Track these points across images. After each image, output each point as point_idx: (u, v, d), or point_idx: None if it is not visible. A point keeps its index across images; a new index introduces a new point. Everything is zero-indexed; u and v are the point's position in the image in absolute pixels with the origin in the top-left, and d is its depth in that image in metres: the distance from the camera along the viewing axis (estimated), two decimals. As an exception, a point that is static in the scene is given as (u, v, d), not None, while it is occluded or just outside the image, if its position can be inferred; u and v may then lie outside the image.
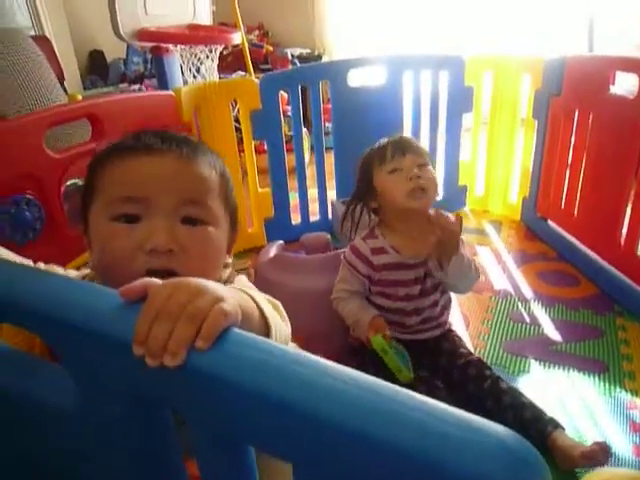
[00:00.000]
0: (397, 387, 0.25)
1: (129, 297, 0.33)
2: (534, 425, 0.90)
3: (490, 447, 0.22)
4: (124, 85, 3.01)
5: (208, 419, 0.30)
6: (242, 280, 0.61)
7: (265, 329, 0.46)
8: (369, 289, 1.07)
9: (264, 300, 0.51)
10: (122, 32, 1.85)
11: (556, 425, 0.89)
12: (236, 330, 0.32)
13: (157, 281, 0.35)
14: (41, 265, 0.62)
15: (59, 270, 0.63)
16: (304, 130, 2.09)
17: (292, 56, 3.10)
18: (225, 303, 0.33)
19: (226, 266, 0.62)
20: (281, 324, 0.52)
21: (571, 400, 1.02)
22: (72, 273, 0.62)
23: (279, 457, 0.27)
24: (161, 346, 0.30)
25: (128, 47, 3.10)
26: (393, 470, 0.24)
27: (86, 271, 0.62)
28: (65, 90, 2.47)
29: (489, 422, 0.23)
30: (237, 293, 0.40)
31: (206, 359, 0.29)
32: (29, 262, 0.62)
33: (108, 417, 0.35)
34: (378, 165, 1.03)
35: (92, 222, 0.55)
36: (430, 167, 1.03)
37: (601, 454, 0.83)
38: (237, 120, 1.64)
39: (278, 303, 0.56)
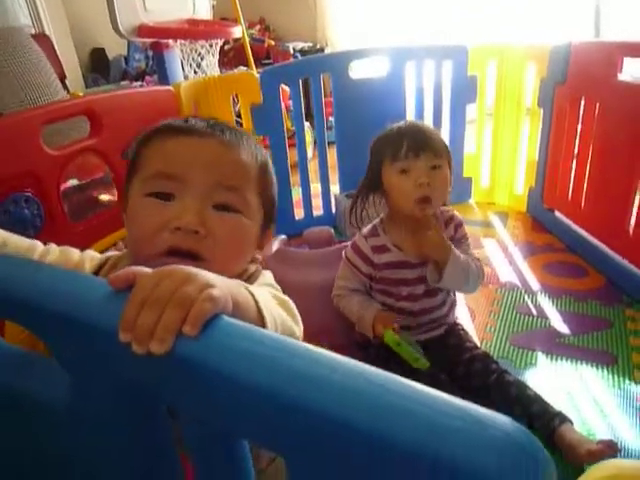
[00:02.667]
0: (397, 377, 0.24)
1: (117, 285, 0.32)
2: (541, 419, 0.88)
3: (494, 440, 0.21)
4: (126, 82, 3.01)
5: (198, 410, 0.29)
6: (267, 276, 0.60)
7: (260, 321, 0.45)
8: (370, 287, 1.05)
9: (265, 294, 0.49)
10: (121, 28, 1.83)
11: (563, 419, 0.88)
12: (225, 317, 0.30)
13: (146, 269, 0.34)
14: (54, 247, 0.60)
15: (75, 252, 0.61)
16: (306, 124, 2.08)
17: (294, 50, 3.08)
18: (214, 289, 0.33)
19: (254, 261, 0.61)
20: (286, 321, 0.51)
21: (579, 393, 1.00)
22: (93, 256, 0.62)
23: (271, 450, 0.26)
24: (148, 332, 0.29)
25: (129, 44, 3.10)
26: (392, 464, 0.22)
27: (112, 253, 0.63)
28: (67, 88, 2.47)
29: (493, 413, 0.22)
30: (231, 282, 0.39)
31: (194, 346, 0.28)
32: (38, 244, 0.59)
33: (99, 409, 0.34)
34: (389, 160, 0.97)
35: (130, 198, 0.56)
36: (445, 167, 0.98)
37: (608, 452, 0.81)
38: (239, 115, 1.63)
39: (291, 304, 0.55)
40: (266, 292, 0.51)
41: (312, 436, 0.25)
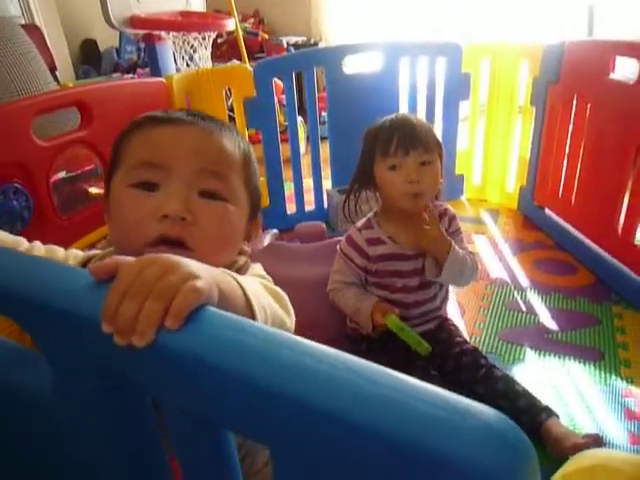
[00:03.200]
0: (382, 368, 0.24)
1: (99, 275, 0.32)
2: (528, 413, 0.89)
3: (477, 430, 0.21)
4: (117, 75, 2.98)
5: (182, 401, 0.29)
6: (256, 268, 0.59)
7: (249, 312, 0.45)
8: (365, 280, 1.06)
9: (254, 284, 0.49)
10: (113, 19, 1.81)
11: (550, 414, 0.89)
12: (210, 308, 0.30)
13: (129, 259, 0.33)
14: (39, 245, 0.60)
15: (60, 251, 0.61)
16: (300, 119, 2.07)
17: (288, 44, 3.07)
18: (198, 280, 0.32)
19: (242, 253, 0.60)
20: (276, 311, 0.51)
21: (566, 388, 1.01)
22: (76, 253, 0.61)
23: (256, 440, 0.26)
24: (129, 324, 0.29)
25: (121, 36, 3.07)
26: (375, 454, 0.22)
27: (95, 252, 0.61)
28: (57, 80, 2.44)
29: (477, 404, 0.22)
30: (217, 272, 0.39)
31: (177, 339, 0.28)
32: (23, 241, 0.60)
33: (84, 402, 0.33)
34: (380, 156, 0.98)
35: (112, 190, 0.55)
36: (435, 162, 0.98)
37: (593, 446, 0.82)
38: (231, 109, 1.62)
39: (283, 295, 0.55)
40: (256, 282, 0.51)
41: (297, 426, 0.25)
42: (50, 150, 1.13)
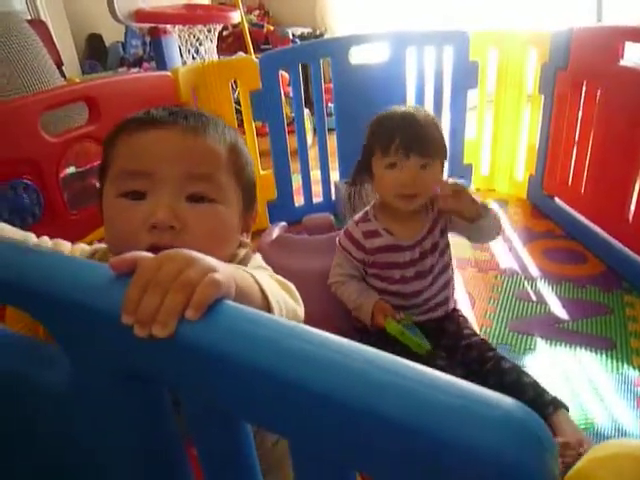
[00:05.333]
0: (398, 358, 0.24)
1: (119, 269, 0.32)
2: (534, 406, 0.89)
3: (496, 419, 0.21)
4: (123, 69, 2.98)
5: (201, 394, 0.29)
6: (257, 259, 0.59)
7: (266, 306, 0.45)
8: (365, 272, 1.06)
9: (267, 278, 0.49)
10: (118, 13, 1.81)
11: (558, 406, 0.88)
12: (228, 302, 0.30)
13: (148, 254, 0.34)
14: (46, 240, 0.61)
15: (66, 245, 0.62)
16: (306, 111, 2.06)
17: (293, 35, 3.05)
18: (217, 273, 0.32)
19: (242, 245, 0.60)
20: (289, 303, 0.51)
21: (577, 378, 1.01)
22: (83, 248, 0.62)
23: (274, 432, 0.26)
24: (151, 315, 0.29)
25: (127, 30, 3.06)
26: (395, 444, 0.22)
27: (99, 245, 0.62)
28: (63, 75, 2.45)
29: (494, 393, 0.22)
30: (233, 268, 0.39)
31: (197, 330, 0.28)
32: (32, 236, 0.61)
33: (101, 395, 0.34)
34: (380, 154, 0.96)
35: (103, 199, 0.55)
36: (435, 165, 0.96)
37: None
38: (238, 102, 1.61)
39: (290, 285, 0.55)
40: (266, 275, 0.51)
41: (315, 418, 0.25)
42: (59, 145, 1.14)
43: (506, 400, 0.22)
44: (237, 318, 0.28)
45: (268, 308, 0.45)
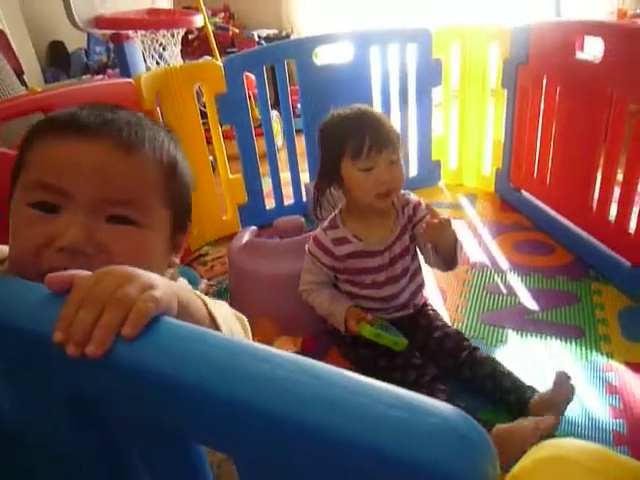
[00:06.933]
0: (335, 369, 0.24)
1: (54, 287, 0.31)
2: (514, 393, 0.91)
3: (431, 427, 0.21)
4: (87, 77, 2.92)
5: (142, 415, 0.28)
6: (183, 282, 0.55)
7: (213, 325, 0.43)
8: (335, 277, 1.06)
9: (216, 304, 0.47)
10: (77, 20, 1.77)
11: (534, 392, 0.90)
12: (167, 319, 0.30)
13: (84, 272, 0.32)
14: None
15: None
16: (275, 113, 2.06)
17: (259, 37, 3.03)
18: (156, 290, 0.31)
19: (171, 265, 0.55)
20: (239, 331, 0.49)
21: (549, 366, 1.03)
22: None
23: (217, 450, 0.26)
24: (85, 332, 0.28)
25: (89, 37, 3.00)
26: (331, 457, 0.22)
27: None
28: (25, 84, 2.39)
29: (432, 400, 0.22)
30: (177, 286, 0.38)
31: (133, 350, 0.27)
32: None
33: (42, 421, 0.32)
34: (351, 159, 0.95)
35: (12, 205, 0.47)
36: (400, 158, 0.97)
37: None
38: (205, 106, 1.60)
39: (241, 315, 0.53)
40: (217, 303, 0.49)
41: (256, 433, 0.24)
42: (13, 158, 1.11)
43: (441, 407, 0.22)
44: (177, 336, 0.28)
45: (214, 322, 0.43)
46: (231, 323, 0.46)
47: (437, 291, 1.30)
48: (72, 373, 0.29)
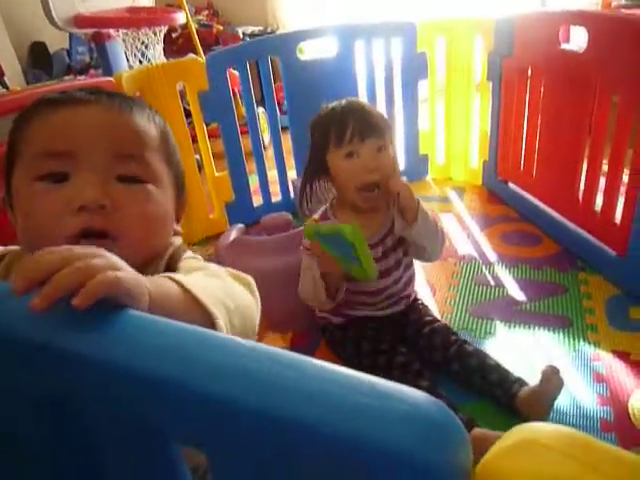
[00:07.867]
0: (305, 358, 0.23)
1: (20, 290, 0.30)
2: (501, 386, 0.90)
3: (401, 413, 0.20)
4: (70, 77, 2.88)
5: (111, 410, 0.28)
6: (189, 253, 0.56)
7: (206, 315, 0.40)
8: None
9: (204, 279, 0.46)
10: (56, 19, 1.75)
11: (522, 384, 0.90)
12: (131, 311, 0.29)
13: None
14: None
15: None
16: (262, 110, 2.04)
17: (244, 34, 3.01)
18: (122, 272, 0.31)
19: (177, 233, 0.56)
20: (244, 299, 0.48)
21: (537, 357, 1.03)
22: None
23: (187, 446, 0.25)
24: (42, 273, 0.28)
25: (71, 37, 2.96)
26: (305, 447, 0.21)
27: (11, 247, 0.54)
28: (6, 86, 2.36)
29: (401, 387, 0.21)
30: (153, 278, 0.36)
31: (90, 341, 0.27)
32: None
33: (13, 422, 0.31)
34: (334, 144, 0.94)
35: (15, 188, 0.48)
36: (389, 146, 0.96)
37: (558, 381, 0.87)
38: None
39: (245, 276, 0.52)
40: (203, 276, 0.48)
41: (226, 426, 0.23)
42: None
43: (413, 394, 0.21)
44: (135, 327, 0.27)
45: (209, 316, 0.42)
46: (228, 300, 0.44)
47: (426, 284, 1.30)
48: (41, 370, 0.28)
